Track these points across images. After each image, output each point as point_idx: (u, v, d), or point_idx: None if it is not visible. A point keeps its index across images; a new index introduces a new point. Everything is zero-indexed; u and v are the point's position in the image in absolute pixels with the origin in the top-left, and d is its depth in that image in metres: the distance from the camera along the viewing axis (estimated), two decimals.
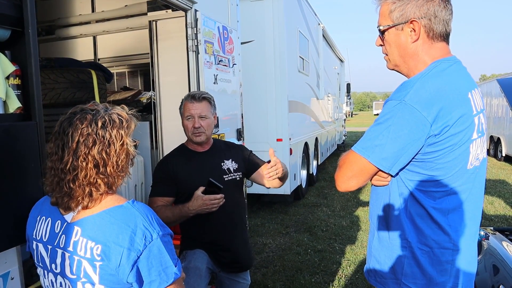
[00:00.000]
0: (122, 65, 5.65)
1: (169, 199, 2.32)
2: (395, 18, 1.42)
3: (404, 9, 1.40)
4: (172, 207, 2.23)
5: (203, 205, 2.09)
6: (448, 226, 1.40)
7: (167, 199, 2.32)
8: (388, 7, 1.44)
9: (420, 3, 1.38)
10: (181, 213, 2.15)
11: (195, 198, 2.09)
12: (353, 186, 1.45)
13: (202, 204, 2.08)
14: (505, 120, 12.64)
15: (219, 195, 2.10)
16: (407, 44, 1.43)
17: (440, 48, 1.43)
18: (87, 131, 1.20)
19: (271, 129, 6.54)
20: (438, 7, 1.38)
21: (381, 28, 1.48)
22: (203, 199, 2.08)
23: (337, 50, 13.41)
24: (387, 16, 1.44)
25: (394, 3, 1.42)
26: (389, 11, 1.43)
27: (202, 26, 3.28)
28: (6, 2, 1.55)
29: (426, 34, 1.41)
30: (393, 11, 1.42)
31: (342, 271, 4.47)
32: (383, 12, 1.46)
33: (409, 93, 1.32)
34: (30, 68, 1.58)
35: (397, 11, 1.41)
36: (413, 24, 1.40)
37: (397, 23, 1.43)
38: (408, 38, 1.42)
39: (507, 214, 6.68)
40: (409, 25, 1.41)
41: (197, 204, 2.09)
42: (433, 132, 1.30)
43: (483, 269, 2.67)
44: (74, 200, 1.21)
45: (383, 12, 1.46)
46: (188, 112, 2.30)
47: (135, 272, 1.17)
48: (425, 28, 1.40)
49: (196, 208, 2.10)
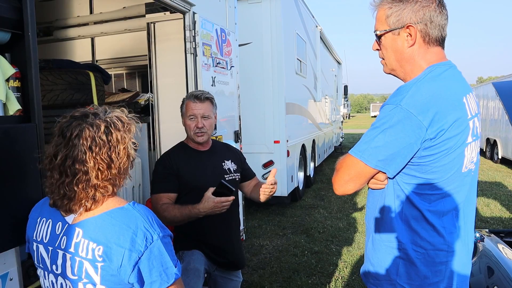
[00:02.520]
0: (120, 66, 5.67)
1: (173, 195, 2.30)
2: (392, 23, 1.44)
3: (400, 14, 1.42)
4: (181, 207, 2.19)
5: (214, 207, 2.09)
6: (442, 228, 1.42)
7: (171, 196, 2.29)
8: (385, 12, 1.45)
9: (416, 8, 1.40)
10: (190, 214, 2.14)
11: (206, 200, 2.09)
12: (350, 190, 1.46)
13: (214, 207, 2.09)
14: (501, 123, 12.70)
15: (230, 197, 2.11)
16: (404, 48, 1.45)
17: (435, 52, 1.45)
18: (90, 135, 1.21)
19: (269, 131, 6.56)
20: (434, 13, 1.40)
21: (377, 33, 1.50)
22: (214, 201, 2.08)
23: (334, 52, 13.45)
24: (384, 21, 1.46)
25: (391, 8, 1.44)
26: (385, 16, 1.45)
27: (200, 29, 3.30)
28: (6, 5, 1.56)
29: (422, 39, 1.43)
30: (389, 16, 1.44)
31: (339, 272, 4.48)
32: (379, 17, 1.48)
33: (405, 98, 1.34)
34: (29, 71, 1.59)
35: (393, 16, 1.43)
36: (410, 29, 1.42)
37: (393, 28, 1.45)
38: (405, 43, 1.44)
39: (503, 216, 6.72)
40: (406, 30, 1.42)
41: (209, 206, 2.09)
42: (428, 136, 1.32)
43: (478, 270, 2.70)
44: (77, 203, 1.22)
45: (380, 17, 1.48)
46: (191, 111, 2.32)
47: (136, 272, 1.18)
48: (421, 33, 1.42)
49: (207, 210, 2.10)
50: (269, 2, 6.34)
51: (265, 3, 6.36)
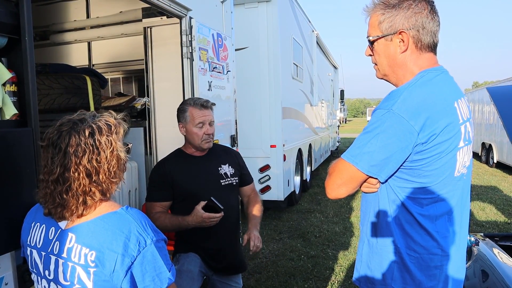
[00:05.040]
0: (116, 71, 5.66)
1: (167, 203, 2.36)
2: (384, 29, 1.46)
3: (393, 20, 1.43)
4: (172, 217, 2.26)
5: (202, 222, 2.15)
6: (436, 232, 1.43)
7: (165, 204, 2.35)
8: (378, 18, 1.47)
9: (408, 14, 1.42)
10: (180, 224, 2.21)
11: (195, 214, 2.14)
12: (343, 194, 1.47)
13: (202, 221, 2.15)
14: (496, 127, 12.76)
15: (218, 214, 2.16)
16: (396, 54, 1.47)
17: (427, 58, 1.46)
18: (75, 142, 1.20)
19: (265, 135, 6.57)
20: (426, 19, 1.42)
21: (370, 39, 1.51)
22: (202, 216, 2.13)
23: (331, 56, 13.50)
24: (377, 26, 1.48)
25: (383, 14, 1.45)
26: (378, 22, 1.47)
27: (196, 33, 3.31)
28: (3, 9, 1.57)
29: (415, 44, 1.44)
30: (382, 22, 1.46)
31: (335, 276, 4.49)
32: (372, 23, 1.50)
33: (396, 102, 1.35)
34: (26, 75, 1.60)
35: (386, 22, 1.45)
36: (402, 35, 1.43)
37: (386, 34, 1.46)
38: (397, 49, 1.46)
39: (498, 220, 6.75)
40: (398, 36, 1.44)
41: (197, 220, 2.15)
42: (420, 141, 1.33)
43: (473, 274, 2.71)
44: (68, 210, 1.22)
45: (373, 23, 1.50)
46: (199, 119, 2.34)
47: (129, 277, 1.18)
48: (413, 39, 1.43)
49: (195, 224, 2.16)
50: (265, 7, 6.37)
51: (261, 8, 6.39)
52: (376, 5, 1.48)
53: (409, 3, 1.41)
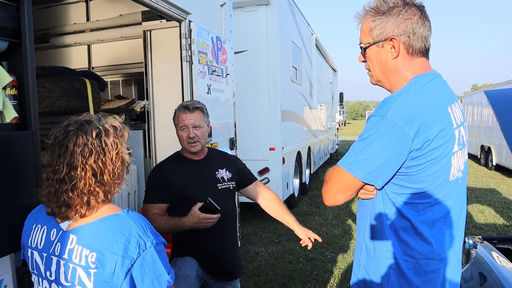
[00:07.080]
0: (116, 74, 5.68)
1: (164, 205, 2.37)
2: (375, 35, 1.47)
3: (383, 27, 1.44)
4: (168, 219, 2.27)
5: (198, 222, 2.15)
6: (431, 237, 1.43)
7: (162, 206, 2.36)
8: (369, 25, 1.48)
9: (398, 21, 1.43)
10: (176, 226, 2.21)
11: (192, 215, 2.15)
12: (339, 201, 1.48)
13: (198, 222, 2.15)
14: (495, 130, 12.78)
15: (215, 215, 2.16)
16: (388, 60, 1.48)
17: (420, 63, 1.47)
18: (83, 141, 1.23)
19: (264, 138, 6.57)
20: (416, 25, 1.42)
21: (362, 45, 1.53)
22: (199, 217, 2.13)
23: (330, 59, 13.52)
24: (368, 33, 1.49)
25: (374, 21, 1.46)
26: (369, 28, 1.48)
27: (196, 37, 3.33)
28: (4, 14, 1.58)
29: (406, 50, 1.45)
30: (373, 29, 1.47)
31: (334, 279, 4.49)
32: (364, 30, 1.51)
33: (390, 109, 1.36)
34: (26, 79, 1.61)
35: (377, 29, 1.46)
36: (393, 41, 1.44)
37: (377, 41, 1.47)
38: (389, 55, 1.47)
39: (497, 223, 6.76)
40: (389, 42, 1.45)
41: (193, 221, 2.15)
42: (414, 147, 1.34)
43: (471, 277, 2.71)
44: (73, 209, 1.24)
45: (364, 29, 1.51)
46: (182, 122, 2.35)
47: (128, 279, 1.20)
48: (404, 45, 1.44)
49: (192, 225, 2.16)
50: (264, 10, 6.39)
51: (260, 11, 6.40)
52: (367, 11, 1.49)
53: (399, 9, 1.42)
